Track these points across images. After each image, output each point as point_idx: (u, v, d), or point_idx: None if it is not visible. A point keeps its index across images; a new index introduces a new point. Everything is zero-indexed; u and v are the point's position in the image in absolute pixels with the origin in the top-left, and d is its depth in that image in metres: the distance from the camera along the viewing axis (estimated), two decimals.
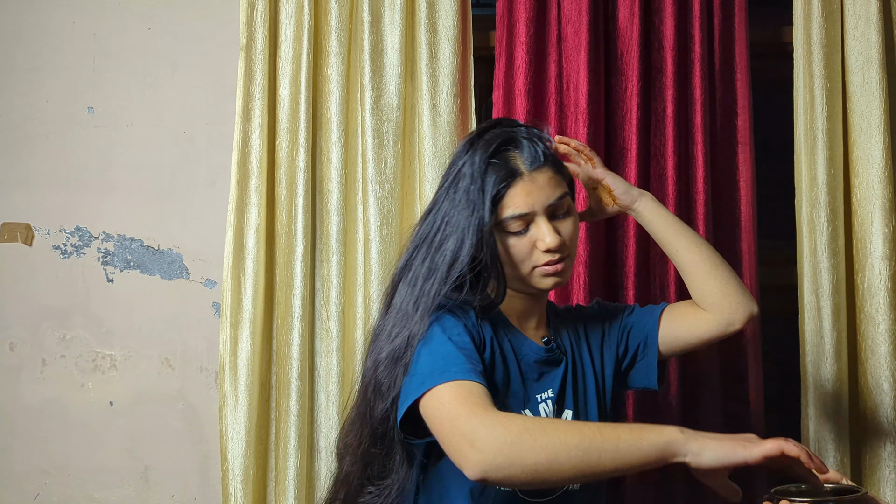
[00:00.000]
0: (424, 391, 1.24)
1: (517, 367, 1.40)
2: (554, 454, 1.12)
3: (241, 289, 1.98)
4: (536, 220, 1.38)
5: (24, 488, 2.10)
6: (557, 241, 1.37)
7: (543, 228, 1.37)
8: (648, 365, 1.53)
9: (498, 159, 1.37)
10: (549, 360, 1.44)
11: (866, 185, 1.92)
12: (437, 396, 1.22)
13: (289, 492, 1.94)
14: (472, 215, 1.35)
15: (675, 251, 1.53)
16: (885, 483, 1.87)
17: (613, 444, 1.14)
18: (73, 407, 2.11)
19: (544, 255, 1.38)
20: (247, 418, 1.96)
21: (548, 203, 1.38)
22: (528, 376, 1.41)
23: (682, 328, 1.53)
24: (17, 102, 2.15)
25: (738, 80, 2.00)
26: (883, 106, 1.91)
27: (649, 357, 1.53)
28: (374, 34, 1.99)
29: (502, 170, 1.37)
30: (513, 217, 1.36)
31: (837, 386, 1.89)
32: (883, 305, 1.88)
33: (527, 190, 1.37)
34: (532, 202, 1.37)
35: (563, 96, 1.99)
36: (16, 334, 2.12)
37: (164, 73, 2.14)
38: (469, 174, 1.37)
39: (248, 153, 2.00)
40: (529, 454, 1.12)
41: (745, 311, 1.51)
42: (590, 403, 1.46)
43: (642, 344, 1.53)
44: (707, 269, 1.51)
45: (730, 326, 1.52)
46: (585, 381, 1.47)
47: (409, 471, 1.39)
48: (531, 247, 1.38)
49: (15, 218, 2.14)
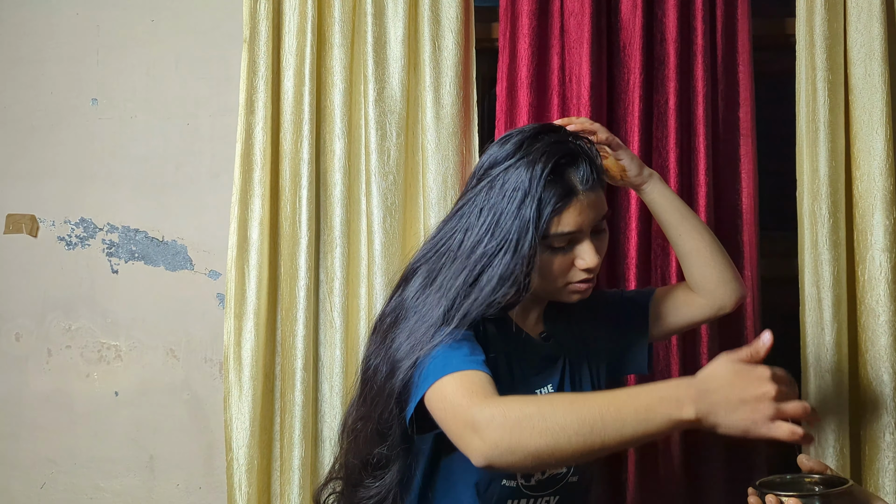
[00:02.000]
0: (429, 385, 1.25)
1: (518, 362, 1.41)
2: (554, 440, 1.10)
3: (245, 280, 2.00)
4: (580, 238, 1.36)
5: (30, 477, 2.12)
6: (597, 261, 1.36)
7: (587, 249, 1.36)
8: (640, 351, 1.54)
9: (554, 175, 1.32)
10: (548, 356, 1.45)
11: (867, 177, 1.92)
12: (441, 388, 1.23)
13: (293, 481, 1.96)
14: (526, 233, 1.30)
15: (678, 235, 1.53)
16: (884, 473, 1.88)
17: (617, 426, 1.08)
18: (79, 397, 2.12)
19: (581, 272, 1.37)
20: (251, 408, 1.98)
21: (594, 223, 1.37)
22: (528, 371, 1.42)
23: (674, 312, 1.54)
24: (21, 94, 2.16)
25: (741, 73, 2.00)
26: (885, 98, 1.91)
27: (641, 343, 1.54)
28: (378, 26, 1.99)
29: (560, 188, 1.32)
30: (562, 234, 1.34)
31: (838, 377, 1.90)
32: (883, 297, 1.89)
33: (579, 210, 1.34)
34: (582, 222, 1.34)
35: (565, 88, 1.99)
36: (21, 325, 2.14)
37: (168, 65, 2.14)
38: (524, 188, 1.30)
39: (251, 145, 2.01)
40: (530, 441, 1.10)
41: (736, 296, 1.55)
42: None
43: (633, 331, 1.54)
44: (708, 256, 1.52)
45: (721, 310, 1.55)
46: (581, 373, 1.48)
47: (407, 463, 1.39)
48: (570, 264, 1.37)
49: (20, 209, 2.15)
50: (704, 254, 1.52)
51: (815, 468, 1.21)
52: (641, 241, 1.95)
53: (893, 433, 1.88)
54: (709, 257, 1.52)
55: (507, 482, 1.37)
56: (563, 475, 1.41)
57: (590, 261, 1.35)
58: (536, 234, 1.30)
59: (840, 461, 1.89)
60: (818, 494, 1.13)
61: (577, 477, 1.42)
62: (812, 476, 1.20)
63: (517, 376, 1.40)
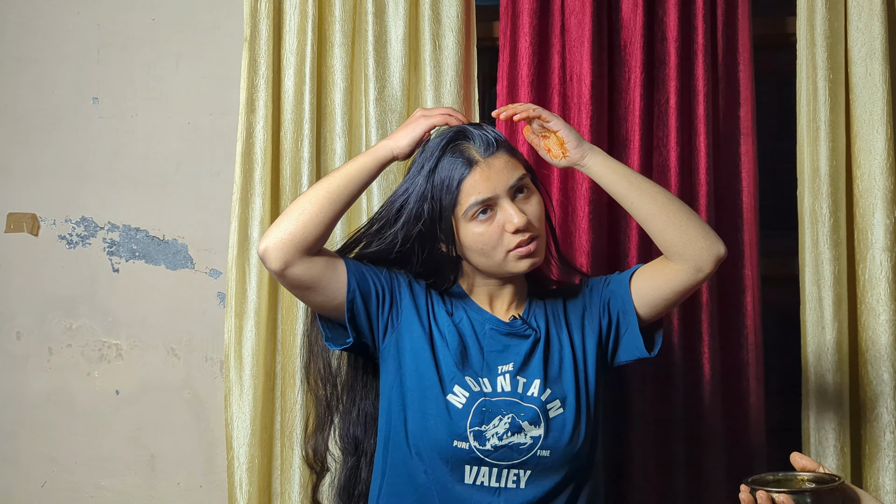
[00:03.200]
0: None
1: (475, 339, 1.47)
2: (303, 210, 1.43)
3: (245, 279, 2.00)
4: (500, 203, 1.44)
5: (31, 476, 2.12)
6: (524, 219, 1.42)
7: (509, 210, 1.43)
8: (633, 333, 1.52)
9: (451, 153, 1.46)
10: (512, 333, 1.48)
11: (868, 176, 1.92)
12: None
13: (294, 480, 1.96)
14: (432, 202, 1.45)
15: (631, 204, 1.50)
16: (884, 472, 1.88)
17: (342, 172, 1.47)
18: (80, 396, 2.12)
19: (514, 236, 1.43)
20: (252, 407, 1.98)
21: (508, 185, 1.45)
22: (489, 348, 1.47)
23: (654, 285, 1.51)
24: (22, 93, 2.16)
25: (741, 72, 2.00)
26: (885, 97, 1.91)
27: (631, 325, 1.52)
28: (378, 25, 2.00)
29: (458, 160, 1.45)
30: (477, 203, 1.43)
31: (838, 376, 1.90)
32: (884, 296, 1.89)
33: (485, 175, 1.44)
34: (493, 186, 1.44)
35: (566, 87, 1.99)
36: (22, 324, 2.14)
37: (169, 64, 2.14)
38: (425, 171, 1.47)
39: (252, 144, 2.01)
40: (286, 223, 1.42)
41: (711, 255, 1.48)
42: (565, 379, 1.48)
43: (621, 313, 1.53)
44: (664, 219, 1.48)
45: (699, 272, 1.48)
46: (562, 355, 1.50)
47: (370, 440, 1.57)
48: (500, 231, 1.44)
49: (21, 208, 2.15)
50: (661, 217, 1.48)
51: (808, 466, 1.21)
52: (642, 242, 1.94)
53: (894, 432, 1.88)
54: (665, 220, 1.48)
55: (459, 443, 1.41)
56: (527, 446, 1.42)
57: (518, 221, 1.41)
58: (443, 204, 1.45)
59: (840, 460, 1.89)
60: (808, 491, 1.13)
61: (547, 451, 1.43)
62: (803, 474, 1.20)
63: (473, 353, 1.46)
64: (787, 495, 1.12)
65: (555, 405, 1.45)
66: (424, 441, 1.43)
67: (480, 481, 1.42)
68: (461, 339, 1.47)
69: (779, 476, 1.19)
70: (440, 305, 1.51)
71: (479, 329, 1.48)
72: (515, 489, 1.42)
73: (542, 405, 1.44)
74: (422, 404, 1.44)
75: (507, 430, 1.41)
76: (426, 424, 1.44)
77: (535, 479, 1.43)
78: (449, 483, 1.42)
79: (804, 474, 1.20)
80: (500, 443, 1.41)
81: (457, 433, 1.41)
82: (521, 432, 1.42)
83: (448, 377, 1.44)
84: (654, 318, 1.54)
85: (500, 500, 1.42)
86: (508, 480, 1.42)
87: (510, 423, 1.42)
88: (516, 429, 1.42)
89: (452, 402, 1.42)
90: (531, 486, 1.43)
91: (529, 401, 1.44)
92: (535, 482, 1.43)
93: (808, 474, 1.19)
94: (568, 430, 1.44)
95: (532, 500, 1.43)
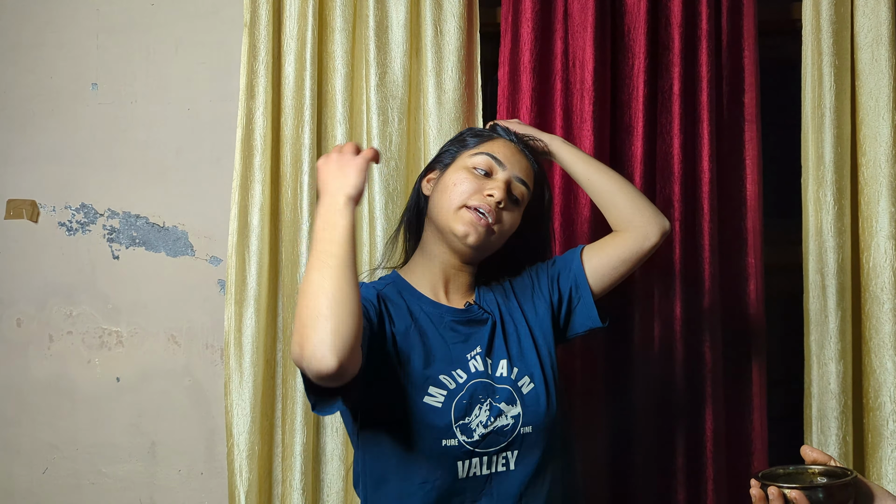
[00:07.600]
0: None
1: (437, 333, 1.47)
2: (315, 304, 1.22)
3: (245, 266, 1.99)
4: (498, 175, 1.51)
5: (32, 463, 2.12)
6: (502, 196, 1.47)
7: (500, 182, 1.49)
8: (586, 304, 1.59)
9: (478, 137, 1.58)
10: (471, 320, 1.50)
11: (873, 163, 1.91)
12: None
13: (295, 467, 1.96)
14: (449, 144, 1.57)
15: (588, 180, 1.66)
16: (887, 461, 1.88)
17: (321, 248, 1.27)
18: (81, 383, 2.12)
19: (482, 198, 1.47)
20: (252, 394, 1.97)
21: (515, 173, 1.52)
22: (453, 339, 1.48)
23: (604, 255, 1.60)
24: (21, 79, 2.14)
25: (746, 58, 1.98)
26: (892, 84, 1.89)
27: (584, 297, 1.59)
28: (379, 10, 1.98)
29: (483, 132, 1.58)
30: (489, 155, 1.52)
31: (841, 365, 1.89)
32: (888, 285, 1.88)
33: (501, 144, 1.55)
34: (509, 157, 1.53)
35: (569, 73, 1.98)
36: (23, 311, 2.14)
37: (168, 50, 2.13)
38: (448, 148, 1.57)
39: (252, 130, 2.00)
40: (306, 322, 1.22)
41: (657, 226, 1.62)
42: (525, 352, 1.51)
43: (573, 286, 1.60)
44: (615, 190, 1.64)
45: (646, 241, 1.61)
46: (518, 332, 1.53)
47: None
48: (478, 188, 1.49)
49: (20, 195, 2.14)
50: (612, 188, 1.64)
51: (819, 459, 1.19)
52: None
53: None
54: (616, 190, 1.64)
55: (448, 441, 1.40)
56: (510, 427, 1.43)
57: (497, 194, 1.47)
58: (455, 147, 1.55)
59: (843, 449, 1.88)
60: (820, 486, 1.12)
61: (529, 427, 1.45)
62: (814, 468, 1.18)
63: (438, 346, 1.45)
64: (799, 491, 1.10)
65: (524, 381, 1.48)
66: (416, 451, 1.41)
67: (472, 472, 1.42)
68: (422, 338, 1.46)
69: (789, 470, 1.18)
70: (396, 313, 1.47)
71: (439, 322, 1.49)
72: (506, 472, 1.43)
73: (514, 383, 1.47)
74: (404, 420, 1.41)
75: (490, 416, 1.42)
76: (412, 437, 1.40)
77: (522, 458, 1.45)
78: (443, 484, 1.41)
79: (815, 467, 1.18)
80: (486, 430, 1.42)
81: (443, 432, 1.40)
82: (502, 414, 1.44)
83: (419, 383, 1.42)
84: (604, 290, 1.61)
85: (492, 486, 1.43)
86: (498, 464, 1.43)
87: (490, 408, 1.43)
88: (496, 412, 1.43)
89: (430, 403, 1.41)
90: (520, 466, 1.44)
91: (501, 381, 1.47)
92: (522, 462, 1.44)
93: (818, 467, 1.18)
94: (542, 402, 1.47)
95: (522, 481, 1.44)
